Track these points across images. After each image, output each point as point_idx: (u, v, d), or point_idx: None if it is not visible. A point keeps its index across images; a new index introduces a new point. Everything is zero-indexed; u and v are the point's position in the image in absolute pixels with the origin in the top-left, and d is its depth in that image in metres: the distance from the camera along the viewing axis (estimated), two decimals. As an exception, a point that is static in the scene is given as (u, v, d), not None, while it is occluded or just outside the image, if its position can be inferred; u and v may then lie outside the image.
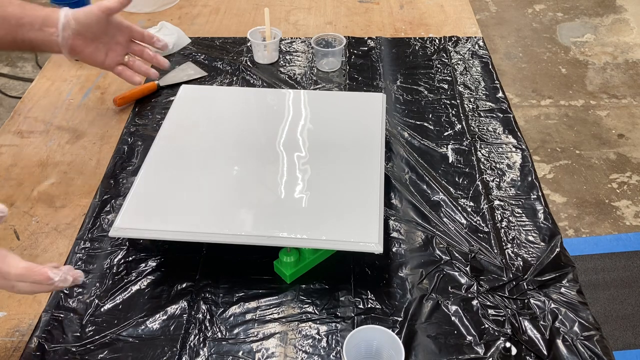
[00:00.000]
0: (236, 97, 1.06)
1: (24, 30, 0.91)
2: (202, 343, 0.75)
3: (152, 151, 0.92)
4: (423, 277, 0.82)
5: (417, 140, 1.05)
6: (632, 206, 2.06)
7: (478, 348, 0.74)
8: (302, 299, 0.80)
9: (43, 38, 0.92)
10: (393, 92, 1.17)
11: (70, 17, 0.92)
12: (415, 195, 0.94)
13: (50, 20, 0.92)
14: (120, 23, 0.98)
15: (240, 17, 1.42)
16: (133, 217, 0.81)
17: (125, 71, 1.01)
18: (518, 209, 0.92)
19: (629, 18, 3.08)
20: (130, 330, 0.76)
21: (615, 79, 2.67)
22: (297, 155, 0.92)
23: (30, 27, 0.91)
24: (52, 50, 0.94)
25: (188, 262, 0.84)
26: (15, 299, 0.80)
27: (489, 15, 3.13)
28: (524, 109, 2.50)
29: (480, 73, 1.23)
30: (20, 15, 0.91)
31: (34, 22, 0.91)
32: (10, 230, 0.89)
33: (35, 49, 0.94)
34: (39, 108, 1.14)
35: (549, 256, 0.85)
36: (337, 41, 1.24)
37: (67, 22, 0.92)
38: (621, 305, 1.70)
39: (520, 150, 1.04)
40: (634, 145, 2.32)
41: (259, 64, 1.25)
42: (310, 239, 0.79)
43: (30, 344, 0.74)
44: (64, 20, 0.92)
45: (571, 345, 0.74)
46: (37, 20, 0.91)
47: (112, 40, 0.98)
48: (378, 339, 0.71)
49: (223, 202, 0.84)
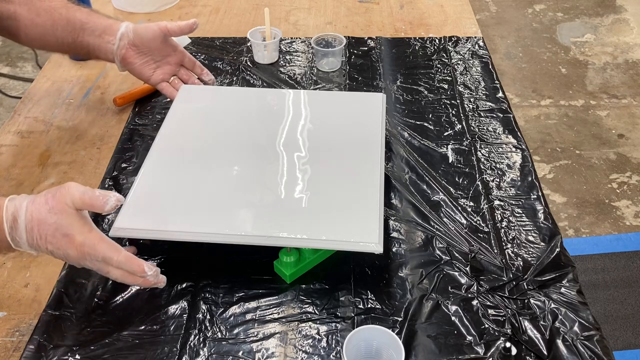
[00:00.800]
0: (236, 97, 1.06)
1: (84, 34, 0.98)
2: (202, 343, 0.75)
3: (152, 151, 0.92)
4: (423, 277, 0.82)
5: (417, 140, 1.05)
6: (632, 206, 2.06)
7: (478, 348, 0.74)
8: (302, 299, 0.80)
9: (100, 44, 0.99)
10: (393, 92, 1.17)
11: (129, 29, 0.99)
12: (415, 195, 0.94)
13: (111, 29, 0.98)
14: (176, 46, 1.05)
15: (240, 17, 1.42)
16: (133, 217, 0.81)
17: (168, 87, 1.07)
18: (518, 209, 0.92)
19: (629, 18, 3.08)
20: (130, 330, 0.76)
21: (615, 79, 2.67)
22: (297, 155, 0.92)
23: (91, 33, 0.98)
24: (106, 57, 1.01)
25: (188, 262, 0.84)
26: (15, 299, 0.80)
27: (489, 15, 3.13)
28: (524, 109, 2.50)
29: (480, 73, 1.23)
30: (85, 20, 0.98)
31: (96, 28, 0.98)
32: (10, 230, 0.89)
33: (91, 54, 1.01)
34: (39, 108, 1.14)
35: (549, 256, 0.85)
36: (337, 41, 1.24)
37: (125, 33, 0.98)
38: (621, 305, 1.70)
39: (520, 150, 1.04)
40: (634, 145, 2.32)
41: (259, 64, 1.25)
42: (311, 239, 0.79)
43: (30, 344, 0.74)
44: (124, 30, 0.98)
45: (571, 345, 0.74)
46: (99, 27, 0.98)
47: (163, 60, 1.04)
48: (378, 339, 0.71)
49: (223, 202, 0.84)
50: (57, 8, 0.98)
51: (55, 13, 0.97)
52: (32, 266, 0.84)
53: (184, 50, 1.08)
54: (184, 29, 1.02)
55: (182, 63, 1.08)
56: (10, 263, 0.85)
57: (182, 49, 1.07)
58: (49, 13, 0.97)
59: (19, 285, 0.82)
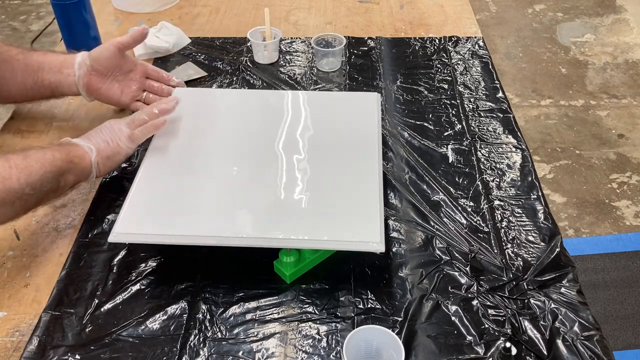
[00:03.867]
0: (231, 98, 1.06)
1: (44, 73, 0.99)
2: (202, 343, 0.75)
3: (149, 154, 0.92)
4: (423, 277, 0.82)
5: (417, 140, 1.05)
6: (632, 206, 2.06)
7: (478, 348, 0.74)
8: (302, 299, 0.80)
9: (60, 79, 1.00)
10: (393, 92, 1.17)
11: (85, 57, 1.00)
12: (415, 195, 0.94)
13: (67, 62, 1.00)
14: (134, 61, 1.05)
15: (240, 17, 1.42)
16: (132, 222, 0.81)
17: (142, 106, 1.05)
18: (518, 209, 0.92)
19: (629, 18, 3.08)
20: (130, 330, 0.76)
21: (615, 79, 2.67)
22: (295, 156, 0.92)
23: (49, 70, 0.99)
24: (70, 90, 1.02)
25: (188, 262, 0.84)
26: (15, 299, 0.80)
27: (489, 15, 3.13)
28: (524, 109, 2.50)
29: (480, 73, 1.23)
30: (42, 60, 1.00)
31: (54, 65, 0.99)
32: (10, 230, 0.89)
33: (55, 91, 1.02)
34: (39, 108, 1.14)
35: (549, 256, 0.85)
36: (337, 41, 1.24)
37: (82, 61, 1.00)
38: (621, 305, 1.70)
39: (520, 150, 1.04)
40: (634, 145, 2.32)
41: (259, 64, 1.25)
42: (312, 239, 0.79)
43: (30, 344, 0.74)
44: (80, 59, 1.00)
45: (571, 345, 0.74)
46: (56, 63, 1.00)
47: (126, 77, 1.04)
48: (378, 339, 0.71)
49: (222, 205, 0.84)
50: (14, 55, 0.99)
51: (13, 61, 0.99)
52: (32, 266, 0.84)
53: (145, 62, 1.07)
54: (136, 38, 1.02)
55: (147, 75, 1.07)
56: (10, 263, 0.85)
57: (142, 62, 1.07)
58: (7, 62, 0.98)
59: (19, 285, 0.82)
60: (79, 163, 0.85)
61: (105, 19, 1.41)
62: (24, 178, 0.78)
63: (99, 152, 0.88)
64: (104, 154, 0.88)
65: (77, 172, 0.85)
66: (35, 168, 0.79)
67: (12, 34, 2.95)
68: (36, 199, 0.81)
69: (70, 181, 0.85)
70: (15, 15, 3.14)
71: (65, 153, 0.84)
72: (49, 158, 0.81)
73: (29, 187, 0.78)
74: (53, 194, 0.83)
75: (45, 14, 3.12)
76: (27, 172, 0.78)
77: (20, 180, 0.77)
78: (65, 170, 0.83)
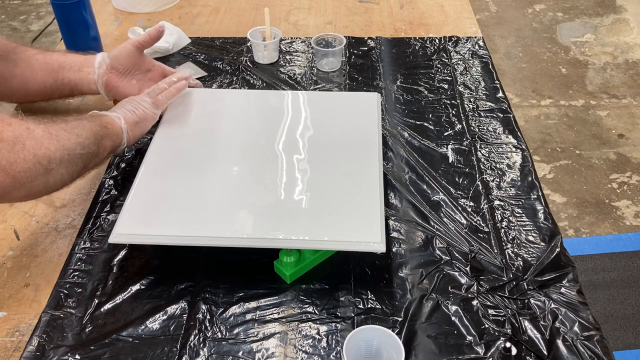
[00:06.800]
0: (231, 98, 1.06)
1: (64, 72, 1.02)
2: (202, 343, 0.75)
3: (149, 155, 0.92)
4: (423, 277, 0.82)
5: (417, 140, 1.05)
6: (632, 206, 2.06)
7: (478, 348, 0.74)
8: (302, 299, 0.80)
9: (81, 77, 1.03)
10: (393, 92, 1.17)
11: (105, 56, 1.04)
12: (415, 195, 0.94)
13: (88, 61, 1.04)
14: (152, 61, 1.08)
15: (240, 17, 1.42)
16: (132, 223, 0.81)
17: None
18: (518, 209, 0.92)
19: (629, 18, 3.08)
20: (130, 330, 0.76)
21: (615, 79, 2.67)
22: (296, 156, 0.92)
23: (70, 69, 1.02)
24: (89, 89, 1.05)
25: (188, 262, 0.84)
26: (15, 299, 0.80)
27: (489, 15, 3.13)
28: (524, 109, 2.50)
29: (480, 73, 1.23)
30: (63, 60, 1.03)
31: (74, 64, 1.03)
32: (10, 230, 0.89)
33: (74, 89, 1.04)
34: (39, 108, 1.14)
35: (549, 256, 0.85)
36: (337, 41, 1.24)
37: (102, 60, 1.03)
38: (621, 305, 1.70)
39: (520, 150, 1.04)
40: (634, 145, 2.32)
41: (259, 64, 1.25)
42: (313, 240, 0.79)
43: (30, 344, 0.74)
44: (100, 59, 1.03)
45: (571, 345, 0.74)
46: (77, 62, 1.03)
47: (144, 77, 1.06)
48: (378, 339, 0.71)
49: (222, 205, 0.84)
50: (33, 55, 1.01)
51: (33, 60, 1.01)
52: (32, 266, 0.84)
53: (162, 63, 1.09)
54: (154, 37, 1.04)
55: (165, 75, 1.08)
56: (10, 263, 0.85)
57: (160, 63, 1.09)
58: (26, 62, 1.00)
59: (19, 285, 0.82)
60: (111, 129, 0.88)
61: (105, 19, 1.41)
62: (74, 138, 0.81)
63: (127, 119, 0.91)
64: (131, 120, 0.92)
65: (113, 137, 0.88)
66: (79, 130, 0.82)
67: (12, 34, 2.95)
68: (84, 162, 0.83)
69: (107, 146, 0.87)
70: (15, 15, 3.14)
71: (98, 120, 0.87)
72: (86, 124, 0.85)
73: (80, 146, 0.81)
74: (95, 158, 0.85)
75: (45, 14, 3.12)
76: (75, 132, 0.82)
77: (71, 140, 0.80)
78: (103, 135, 0.86)
